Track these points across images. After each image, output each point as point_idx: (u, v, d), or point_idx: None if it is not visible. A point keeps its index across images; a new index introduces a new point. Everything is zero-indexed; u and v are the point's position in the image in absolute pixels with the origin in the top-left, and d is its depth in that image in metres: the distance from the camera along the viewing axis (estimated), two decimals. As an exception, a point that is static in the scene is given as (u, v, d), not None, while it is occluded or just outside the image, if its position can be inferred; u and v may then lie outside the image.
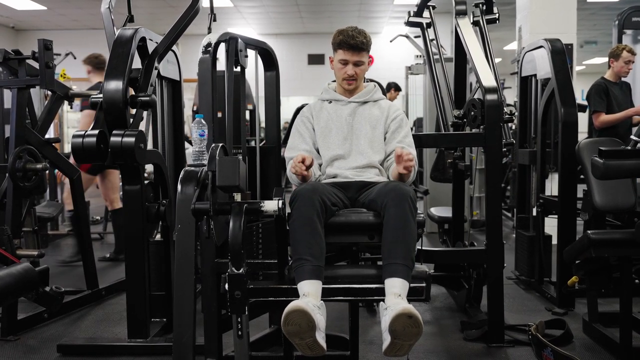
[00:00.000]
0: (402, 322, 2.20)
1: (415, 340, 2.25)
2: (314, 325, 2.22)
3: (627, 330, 3.06)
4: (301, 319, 2.21)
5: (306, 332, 2.23)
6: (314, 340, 2.25)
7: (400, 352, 2.28)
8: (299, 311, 2.21)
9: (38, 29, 13.60)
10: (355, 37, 2.80)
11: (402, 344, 2.25)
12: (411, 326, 2.20)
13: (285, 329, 2.22)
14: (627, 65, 5.24)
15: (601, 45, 15.60)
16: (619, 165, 2.83)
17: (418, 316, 2.21)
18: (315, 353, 2.29)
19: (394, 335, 2.23)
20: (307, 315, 2.21)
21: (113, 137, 3.11)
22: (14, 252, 3.40)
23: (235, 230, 2.30)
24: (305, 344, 2.26)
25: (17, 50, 3.91)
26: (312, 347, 2.27)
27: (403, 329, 2.21)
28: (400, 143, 2.82)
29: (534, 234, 4.55)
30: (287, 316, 2.21)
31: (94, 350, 3.38)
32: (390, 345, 2.26)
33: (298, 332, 2.23)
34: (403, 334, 2.22)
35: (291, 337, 2.25)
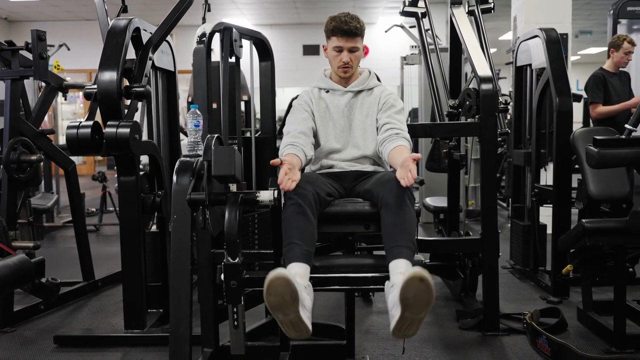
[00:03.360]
0: (414, 287, 2.09)
1: (426, 312, 2.14)
2: (297, 297, 2.14)
3: (620, 318, 3.07)
4: (284, 289, 2.12)
5: (289, 306, 2.14)
6: (297, 317, 2.16)
7: (410, 330, 2.18)
8: (282, 279, 2.12)
9: (31, 20, 13.53)
10: (349, 22, 2.75)
11: (412, 318, 2.14)
12: (423, 292, 2.09)
13: (268, 300, 2.13)
14: (627, 56, 5.25)
15: (596, 35, 15.60)
16: (614, 154, 2.84)
17: (430, 281, 2.09)
18: (300, 334, 2.20)
19: (404, 305, 2.11)
20: (290, 285, 2.12)
21: (108, 128, 3.11)
22: (10, 244, 3.39)
23: (231, 220, 2.30)
24: (289, 321, 2.17)
25: (10, 41, 3.88)
26: (296, 326, 2.18)
27: (415, 296, 2.09)
28: (389, 117, 2.80)
29: (528, 224, 4.57)
30: (269, 285, 2.12)
31: (91, 341, 3.39)
32: (399, 321, 2.15)
33: (281, 306, 2.14)
34: (414, 302, 2.10)
35: (274, 311, 2.16)
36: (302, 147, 2.69)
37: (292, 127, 2.79)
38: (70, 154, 3.91)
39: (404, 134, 2.76)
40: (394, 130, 2.75)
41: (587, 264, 3.29)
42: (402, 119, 2.86)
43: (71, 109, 13.85)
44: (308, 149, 2.72)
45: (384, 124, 2.79)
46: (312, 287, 2.29)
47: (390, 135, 2.73)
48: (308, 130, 2.80)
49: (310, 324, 2.21)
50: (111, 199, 7.26)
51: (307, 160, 2.70)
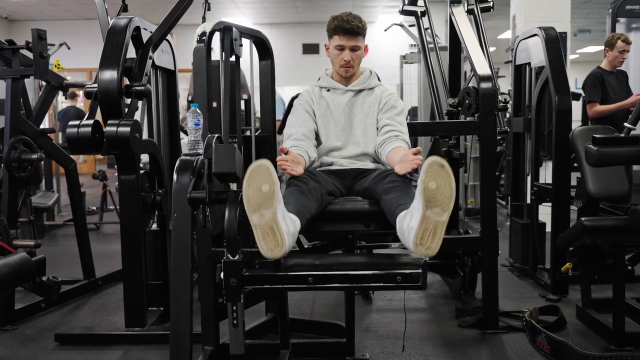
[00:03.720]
0: (435, 172, 2.02)
1: (448, 212, 2.06)
2: (274, 190, 2.06)
3: (619, 316, 3.08)
4: (263, 178, 2.05)
5: (266, 201, 2.06)
6: (273, 220, 2.08)
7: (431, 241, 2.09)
8: (263, 167, 2.07)
9: (32, 19, 13.54)
10: (351, 21, 2.78)
11: (435, 221, 2.06)
12: (445, 180, 2.03)
13: (246, 193, 2.07)
14: (621, 55, 5.26)
15: (595, 34, 15.60)
16: (613, 152, 2.85)
17: (449, 169, 2.04)
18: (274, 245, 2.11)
19: (427, 198, 2.04)
20: (270, 174, 2.06)
21: (108, 127, 3.11)
22: (11, 243, 3.40)
23: (231, 219, 2.31)
24: (265, 225, 2.09)
25: (10, 41, 3.89)
26: (271, 232, 2.10)
27: (436, 187, 2.02)
28: (389, 119, 2.82)
29: (528, 222, 4.58)
30: (250, 174, 2.06)
31: (92, 340, 3.40)
32: (421, 224, 2.07)
33: (258, 202, 2.06)
34: (437, 194, 2.03)
35: (250, 211, 2.09)
36: (306, 149, 2.71)
37: (294, 130, 2.81)
38: (70, 152, 3.92)
39: (404, 136, 2.77)
40: (394, 132, 2.76)
41: (586, 262, 3.29)
42: (402, 121, 2.88)
43: (72, 108, 13.84)
44: (311, 151, 2.75)
45: (384, 126, 2.81)
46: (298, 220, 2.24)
47: (390, 137, 2.75)
48: (310, 132, 2.82)
49: (288, 239, 2.13)
50: (112, 198, 7.26)
51: (310, 163, 2.72)
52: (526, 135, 4.68)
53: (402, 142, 2.71)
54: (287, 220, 2.19)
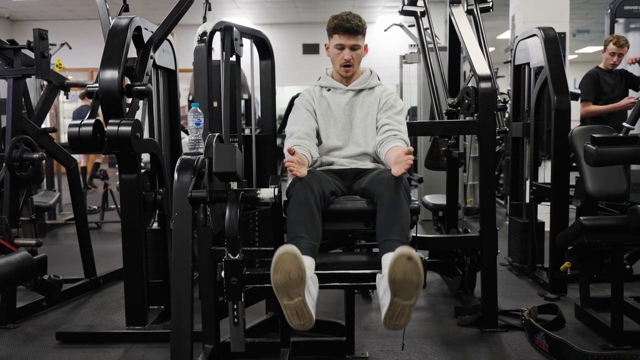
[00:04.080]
0: (401, 266, 2.08)
1: (416, 297, 2.14)
2: (303, 276, 2.13)
3: (618, 315, 3.09)
4: (291, 266, 2.11)
5: (295, 287, 2.13)
6: (302, 302, 2.15)
7: (400, 320, 2.19)
8: (290, 254, 2.12)
9: (33, 19, 13.55)
10: (351, 20, 2.80)
11: (402, 305, 2.14)
12: (411, 272, 2.08)
13: (275, 278, 2.12)
14: (612, 57, 5.28)
15: (594, 34, 15.62)
16: (612, 152, 2.86)
17: (417, 259, 2.09)
18: (304, 322, 2.20)
19: (393, 288, 2.12)
20: (297, 260, 2.11)
21: (109, 127, 3.12)
22: (12, 241, 3.42)
23: (232, 218, 2.33)
24: (293, 306, 2.16)
25: (12, 40, 3.91)
26: (300, 312, 2.17)
27: (403, 278, 2.09)
28: (389, 118, 2.84)
29: (527, 221, 4.59)
30: (277, 260, 2.12)
31: (93, 338, 3.41)
32: (390, 308, 2.15)
33: (287, 286, 2.12)
34: (403, 284, 2.10)
35: (280, 294, 2.15)
36: (308, 148, 2.73)
37: (296, 128, 2.82)
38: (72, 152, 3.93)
39: (402, 135, 2.79)
40: (392, 131, 2.78)
41: (585, 261, 3.30)
42: (401, 120, 2.89)
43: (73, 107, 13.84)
44: (313, 150, 2.76)
45: (383, 125, 2.82)
46: (317, 278, 2.30)
47: (388, 136, 2.76)
48: (312, 131, 2.84)
49: (314, 314, 2.21)
50: (113, 197, 7.28)
51: (312, 162, 2.74)
52: (525, 140, 4.70)
53: (400, 141, 2.73)
54: (313, 290, 2.24)
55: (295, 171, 2.46)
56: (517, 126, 4.72)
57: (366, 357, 3.09)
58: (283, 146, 2.90)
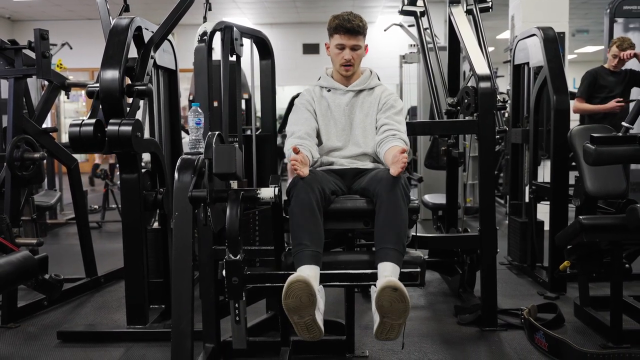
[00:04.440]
0: (387, 296, 2.19)
1: (404, 318, 2.24)
2: (314, 300, 2.22)
3: (617, 314, 3.10)
4: (302, 292, 2.20)
5: (306, 309, 2.22)
6: (313, 320, 2.24)
7: (391, 334, 2.28)
8: (301, 282, 2.21)
9: (34, 20, 13.55)
10: (351, 20, 2.80)
11: (391, 323, 2.24)
12: (397, 301, 2.19)
13: (286, 302, 2.22)
14: (614, 59, 5.30)
15: (593, 34, 15.62)
16: (611, 151, 2.87)
17: (403, 289, 2.20)
18: (313, 335, 2.29)
19: (381, 312, 2.23)
20: (309, 287, 2.20)
21: (110, 126, 3.13)
22: (13, 241, 3.42)
23: (232, 217, 2.33)
24: (303, 323, 2.25)
25: (13, 40, 3.92)
26: (310, 328, 2.26)
27: (390, 305, 2.20)
28: (388, 118, 2.84)
29: (526, 220, 4.60)
30: (289, 287, 2.20)
31: (94, 337, 3.42)
32: (380, 325, 2.25)
33: (298, 308, 2.22)
34: (390, 310, 2.21)
35: (290, 313, 2.24)
36: (310, 148, 2.74)
37: (297, 128, 2.83)
38: (72, 151, 3.94)
39: (401, 135, 2.80)
40: (392, 131, 2.79)
41: (584, 260, 3.31)
42: (401, 120, 2.90)
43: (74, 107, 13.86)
44: (314, 150, 2.77)
45: (382, 125, 2.83)
46: (323, 289, 2.36)
47: (387, 136, 2.77)
48: (312, 131, 2.84)
49: (323, 326, 2.29)
50: (113, 196, 7.29)
51: (313, 162, 2.75)
52: (524, 147, 4.70)
53: (399, 141, 2.73)
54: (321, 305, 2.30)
55: (298, 170, 2.48)
56: (517, 132, 4.72)
57: (366, 356, 3.10)
58: (283, 146, 2.92)
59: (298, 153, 2.51)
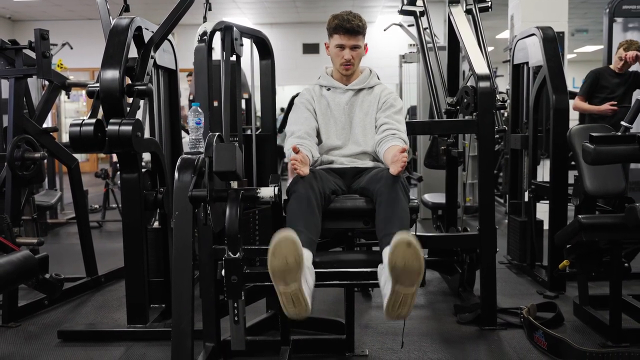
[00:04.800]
0: (401, 252, 2.08)
1: (417, 284, 2.13)
2: (301, 262, 2.13)
3: (616, 313, 3.11)
4: (288, 251, 2.10)
5: (292, 272, 2.12)
6: (298, 289, 2.15)
7: (402, 309, 2.17)
8: (288, 240, 2.11)
9: (35, 20, 13.56)
10: (351, 20, 2.81)
11: (403, 293, 2.14)
12: (412, 258, 2.08)
13: (271, 264, 2.12)
14: (620, 61, 5.32)
15: (592, 34, 15.64)
16: (610, 150, 2.87)
17: (417, 245, 2.09)
18: (299, 310, 2.19)
19: (394, 275, 2.12)
20: (296, 246, 2.11)
21: (110, 126, 3.13)
22: (14, 240, 3.43)
23: (232, 217, 2.34)
24: (289, 294, 2.16)
25: (13, 40, 3.93)
26: (296, 299, 2.17)
27: (403, 264, 2.08)
28: (387, 117, 2.85)
29: (525, 219, 4.61)
30: (275, 245, 2.11)
31: (94, 336, 3.43)
32: (391, 297, 2.15)
33: (284, 272, 2.11)
34: (404, 271, 2.09)
35: (276, 279, 2.14)
36: (310, 148, 2.74)
37: (296, 127, 2.84)
38: (73, 151, 3.95)
39: (401, 134, 2.80)
40: (391, 130, 2.80)
41: (584, 259, 3.32)
42: (400, 119, 2.91)
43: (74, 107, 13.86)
44: (314, 150, 2.78)
45: (382, 124, 2.84)
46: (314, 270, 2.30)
47: (387, 135, 2.78)
48: (312, 130, 2.85)
49: (311, 303, 2.21)
50: (114, 196, 7.29)
51: (313, 162, 2.75)
52: (524, 152, 4.71)
53: (398, 140, 2.74)
54: (309, 279, 2.24)
55: (299, 169, 2.48)
56: (516, 138, 4.72)
57: (366, 355, 3.11)
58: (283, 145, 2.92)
59: (298, 152, 2.51)
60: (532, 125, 4.50)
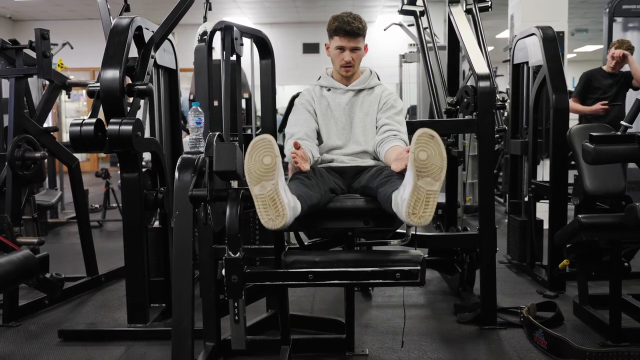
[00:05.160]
0: (424, 142, 2.08)
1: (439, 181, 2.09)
2: (276, 163, 2.12)
3: (616, 312, 3.11)
4: (265, 151, 2.11)
5: (269, 174, 2.13)
6: (275, 190, 2.14)
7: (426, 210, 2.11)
8: (265, 140, 2.12)
9: (35, 19, 13.57)
10: (351, 22, 2.80)
11: (426, 190, 2.09)
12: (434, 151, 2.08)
13: (248, 165, 2.13)
14: (612, 60, 5.33)
15: (592, 34, 15.65)
16: (610, 150, 2.88)
17: (439, 138, 2.09)
18: (275, 216, 2.16)
19: (417, 168, 2.08)
20: (272, 147, 2.11)
21: (110, 126, 3.13)
22: (14, 240, 3.44)
23: (232, 216, 2.34)
24: (266, 197, 2.13)
25: (14, 40, 3.93)
26: (272, 204, 2.14)
27: (426, 158, 2.07)
28: (388, 119, 2.85)
29: (525, 219, 4.61)
30: (253, 146, 2.12)
31: (95, 335, 3.43)
32: (413, 194, 2.10)
33: (260, 174, 2.12)
34: (426, 165, 2.08)
35: (252, 183, 2.14)
36: (310, 149, 2.75)
37: (296, 129, 2.84)
38: (73, 151, 3.95)
39: (402, 135, 2.80)
40: (392, 131, 2.80)
41: (583, 259, 3.33)
42: (401, 120, 2.91)
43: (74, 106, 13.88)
44: (315, 151, 2.78)
45: (382, 125, 2.84)
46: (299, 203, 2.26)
47: (388, 136, 2.78)
48: (312, 132, 2.85)
49: (289, 211, 2.17)
50: (114, 196, 7.30)
51: (313, 162, 2.75)
52: (524, 158, 4.71)
53: (399, 142, 2.75)
54: (289, 194, 2.22)
55: (299, 164, 2.48)
56: (516, 144, 4.72)
57: (366, 354, 3.11)
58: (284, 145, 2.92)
59: (299, 148, 2.52)
60: (531, 130, 4.50)
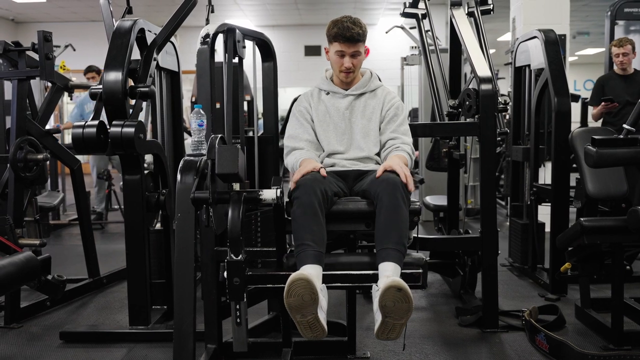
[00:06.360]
0: (391, 295, 2.18)
1: (406, 318, 2.22)
2: (316, 298, 2.20)
3: (618, 315, 3.11)
4: (304, 290, 2.19)
5: (308, 307, 2.21)
6: (315, 318, 2.22)
7: (392, 334, 2.26)
8: (303, 280, 2.19)
9: (38, 21, 13.59)
10: (351, 28, 2.74)
11: (393, 323, 2.23)
12: (401, 301, 2.18)
13: (288, 301, 2.20)
14: (617, 58, 5.32)
15: (594, 36, 15.63)
16: (612, 153, 2.88)
17: (407, 289, 2.18)
18: (316, 334, 2.27)
19: (384, 312, 2.21)
20: (310, 285, 2.19)
21: (113, 128, 3.14)
22: (16, 242, 3.44)
23: (234, 219, 2.34)
24: (306, 322, 2.24)
25: (17, 42, 3.94)
26: (313, 326, 2.24)
27: (393, 305, 2.19)
28: (393, 132, 2.83)
29: (527, 222, 4.61)
30: (291, 285, 2.19)
31: (96, 337, 3.43)
32: (382, 325, 2.24)
33: (300, 307, 2.20)
34: (393, 310, 2.19)
35: (293, 312, 2.22)
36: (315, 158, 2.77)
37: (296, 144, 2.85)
38: (75, 153, 3.96)
39: (406, 147, 2.80)
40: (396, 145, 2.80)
41: (585, 262, 3.32)
42: (405, 130, 2.88)
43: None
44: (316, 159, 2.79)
45: (388, 140, 2.83)
46: (326, 288, 2.35)
47: (392, 150, 2.79)
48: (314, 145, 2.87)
49: (326, 325, 2.27)
50: (116, 197, 7.31)
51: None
52: (525, 164, 4.71)
53: (401, 152, 2.75)
54: (323, 304, 2.29)
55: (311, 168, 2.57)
56: (517, 150, 4.72)
57: (367, 357, 3.11)
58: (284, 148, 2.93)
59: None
60: (533, 134, 4.50)
